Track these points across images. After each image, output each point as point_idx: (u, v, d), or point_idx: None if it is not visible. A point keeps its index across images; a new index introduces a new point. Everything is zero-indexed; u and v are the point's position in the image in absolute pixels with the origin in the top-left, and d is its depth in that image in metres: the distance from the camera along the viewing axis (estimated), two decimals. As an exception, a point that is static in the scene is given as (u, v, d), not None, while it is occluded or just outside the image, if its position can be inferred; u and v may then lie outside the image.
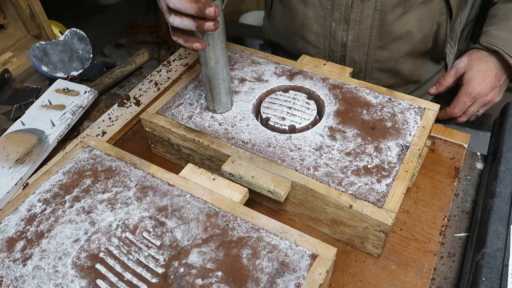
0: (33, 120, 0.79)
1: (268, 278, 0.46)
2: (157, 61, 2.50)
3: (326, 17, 0.82)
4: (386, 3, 0.77)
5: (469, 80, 0.74)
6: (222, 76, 0.64)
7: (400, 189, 0.55)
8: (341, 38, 0.83)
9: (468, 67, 0.75)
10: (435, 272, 0.58)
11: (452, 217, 0.65)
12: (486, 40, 0.73)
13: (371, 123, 0.65)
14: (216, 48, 0.60)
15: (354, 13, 0.79)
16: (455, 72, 0.77)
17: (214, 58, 0.61)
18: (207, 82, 0.65)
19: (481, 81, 0.74)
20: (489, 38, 0.73)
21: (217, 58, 0.61)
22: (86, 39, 0.99)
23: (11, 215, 0.55)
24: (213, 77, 0.63)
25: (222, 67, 0.63)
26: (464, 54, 0.78)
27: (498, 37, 0.72)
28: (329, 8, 0.80)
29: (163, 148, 0.73)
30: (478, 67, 0.74)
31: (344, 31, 0.82)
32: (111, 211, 0.54)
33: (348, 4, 0.78)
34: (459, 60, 0.77)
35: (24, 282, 0.48)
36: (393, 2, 0.76)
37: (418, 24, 0.80)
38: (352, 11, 0.79)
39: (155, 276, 0.47)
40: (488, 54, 0.74)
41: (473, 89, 0.74)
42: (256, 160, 0.60)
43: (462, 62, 0.76)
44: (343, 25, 0.81)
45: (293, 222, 0.63)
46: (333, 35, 0.84)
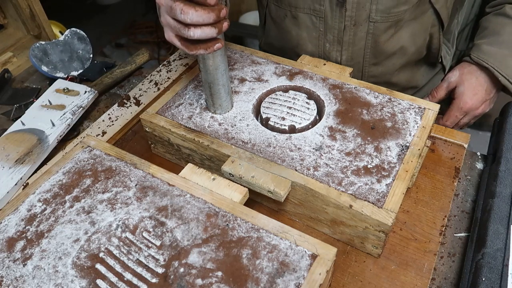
0: (33, 120, 0.79)
1: (268, 278, 0.46)
2: (157, 61, 2.50)
3: (319, 38, 0.83)
4: (378, 27, 0.78)
5: (461, 95, 0.78)
6: (222, 82, 0.64)
7: (400, 189, 0.55)
8: (335, 58, 0.85)
9: (459, 82, 0.78)
10: (435, 272, 0.58)
11: (452, 217, 0.65)
12: (477, 56, 0.76)
13: (371, 123, 0.65)
14: (215, 54, 0.60)
15: (347, 36, 0.80)
16: (447, 85, 0.80)
17: (213, 64, 0.61)
18: (208, 87, 0.65)
19: (472, 96, 0.77)
20: (480, 54, 0.75)
21: (217, 65, 0.61)
22: (86, 39, 0.99)
23: (11, 215, 0.55)
24: (213, 83, 0.64)
25: (222, 72, 0.63)
26: (456, 67, 0.80)
27: (489, 53, 0.74)
28: (322, 30, 0.82)
29: (163, 148, 0.73)
30: (469, 82, 0.77)
31: (338, 52, 0.83)
32: (111, 211, 0.54)
33: (340, 28, 0.79)
34: (451, 73, 0.80)
35: (24, 282, 0.48)
36: (385, 25, 0.78)
37: (411, 39, 0.81)
38: (345, 34, 0.80)
39: (155, 276, 0.47)
40: (478, 69, 0.77)
41: (464, 104, 0.77)
42: (256, 160, 0.60)
43: (454, 76, 0.79)
44: (337, 46, 0.83)
45: (293, 222, 0.63)
46: (328, 55, 0.85)
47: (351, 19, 0.78)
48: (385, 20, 0.77)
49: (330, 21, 0.79)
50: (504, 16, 0.76)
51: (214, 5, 0.51)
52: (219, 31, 0.53)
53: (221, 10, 0.52)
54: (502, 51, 0.74)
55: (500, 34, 0.75)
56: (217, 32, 0.53)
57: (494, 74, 0.74)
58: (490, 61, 0.74)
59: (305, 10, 0.80)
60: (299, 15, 0.82)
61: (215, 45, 0.54)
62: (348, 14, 0.77)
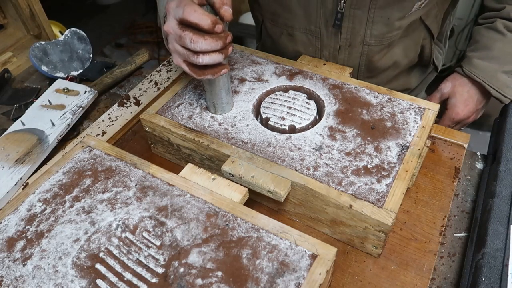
0: (33, 120, 0.79)
1: (268, 278, 0.46)
2: (157, 61, 2.50)
3: (316, 53, 0.85)
4: (372, 49, 0.81)
5: (453, 107, 0.83)
6: (222, 83, 0.64)
7: (400, 189, 0.55)
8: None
9: (452, 93, 0.83)
10: (435, 272, 0.58)
11: (452, 217, 0.65)
12: (469, 70, 0.79)
13: (371, 123, 0.65)
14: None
15: (342, 54, 0.83)
16: (440, 95, 0.85)
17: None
18: (208, 88, 0.65)
19: (463, 108, 0.82)
20: (472, 68, 0.79)
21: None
22: (86, 39, 0.99)
23: (11, 215, 0.55)
24: (213, 84, 0.64)
25: (223, 79, 0.64)
26: (449, 79, 0.84)
27: (480, 68, 0.78)
28: (318, 47, 0.83)
29: (163, 148, 0.73)
30: (461, 94, 0.82)
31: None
32: (111, 211, 0.54)
33: (336, 47, 0.81)
34: (444, 84, 0.84)
35: (24, 282, 0.48)
36: (379, 47, 0.80)
37: (404, 53, 0.84)
38: (340, 52, 0.82)
39: (155, 276, 0.47)
40: (470, 82, 0.81)
41: (456, 115, 0.83)
42: (256, 160, 0.60)
43: (447, 88, 0.83)
44: (333, 61, 0.84)
45: (293, 222, 0.63)
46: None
47: (346, 41, 0.80)
48: (378, 43, 0.80)
49: (326, 41, 0.81)
50: (495, 31, 0.78)
51: (221, 33, 0.54)
52: (225, 56, 0.56)
53: (227, 37, 0.55)
54: (493, 65, 0.77)
55: (491, 49, 0.78)
56: (223, 57, 0.56)
57: (486, 87, 0.78)
58: (481, 75, 0.78)
59: (301, 29, 0.82)
60: (295, 33, 0.84)
61: (221, 71, 0.59)
62: (343, 37, 0.79)
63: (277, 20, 0.85)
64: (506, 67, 0.76)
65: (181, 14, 0.53)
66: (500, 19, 0.78)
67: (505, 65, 0.76)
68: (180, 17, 0.53)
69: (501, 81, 0.77)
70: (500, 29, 0.77)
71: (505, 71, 0.77)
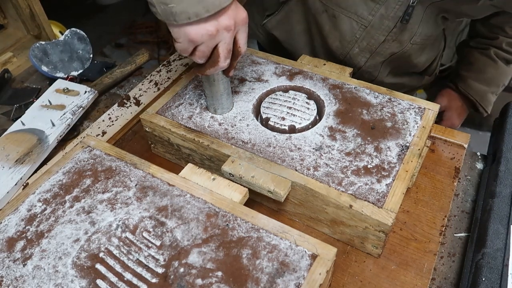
0: (33, 120, 0.79)
1: (268, 278, 0.46)
2: (157, 61, 2.50)
3: (351, 42, 0.82)
4: (414, 47, 0.81)
5: (449, 118, 0.96)
6: (222, 83, 0.64)
7: (400, 189, 0.55)
8: (358, 62, 0.85)
9: (448, 107, 0.96)
10: (435, 272, 0.58)
11: (452, 217, 0.65)
12: (464, 89, 0.94)
13: (371, 123, 0.65)
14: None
15: (383, 48, 0.81)
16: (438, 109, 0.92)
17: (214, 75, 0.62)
18: (208, 88, 0.65)
19: (458, 119, 0.97)
20: (467, 88, 0.93)
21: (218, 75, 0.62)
22: (86, 39, 0.99)
23: (11, 215, 0.55)
24: (213, 84, 0.64)
25: (223, 80, 0.64)
26: (444, 94, 0.98)
27: (474, 88, 0.92)
28: (358, 37, 0.80)
29: (163, 148, 0.73)
30: (456, 108, 0.96)
31: (364, 58, 0.84)
32: (111, 211, 0.54)
33: (380, 40, 0.79)
34: (441, 99, 0.97)
35: (24, 282, 0.48)
36: (418, 47, 0.82)
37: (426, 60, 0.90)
38: (381, 46, 0.80)
39: (155, 276, 0.47)
40: (462, 97, 0.96)
41: (452, 125, 0.96)
42: (256, 160, 0.60)
43: (443, 102, 0.97)
44: (366, 53, 0.83)
45: (293, 222, 0.63)
46: (351, 57, 0.85)
47: (396, 36, 0.78)
48: (420, 43, 0.81)
49: (373, 32, 0.78)
50: (488, 58, 0.90)
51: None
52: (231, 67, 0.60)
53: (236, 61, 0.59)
54: (484, 87, 0.91)
55: (484, 73, 0.90)
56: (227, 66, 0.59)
57: (476, 105, 0.93)
58: (474, 94, 0.93)
59: (350, 14, 0.78)
60: (340, 16, 0.79)
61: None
62: (395, 31, 0.77)
63: None
64: (493, 89, 0.92)
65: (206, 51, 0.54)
66: (493, 47, 0.89)
67: (493, 87, 0.91)
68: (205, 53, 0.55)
69: (488, 100, 0.93)
70: (492, 56, 0.89)
71: (492, 92, 0.92)
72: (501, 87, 0.92)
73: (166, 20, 0.50)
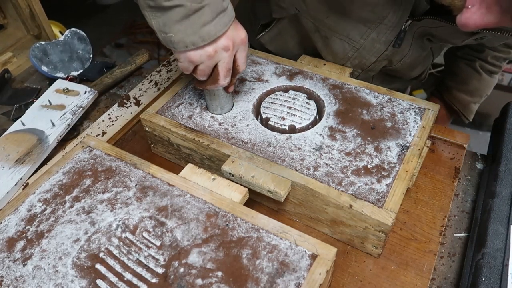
0: (33, 120, 0.79)
1: (268, 278, 0.46)
2: (157, 61, 2.50)
3: (345, 59, 0.82)
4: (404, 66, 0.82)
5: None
6: (223, 89, 0.65)
7: (400, 189, 0.55)
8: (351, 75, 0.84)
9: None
10: (435, 272, 0.58)
11: (452, 217, 0.65)
12: (448, 99, 0.98)
13: (371, 123, 0.65)
14: None
15: (374, 66, 0.81)
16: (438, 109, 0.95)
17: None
18: (210, 95, 0.65)
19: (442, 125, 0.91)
20: (450, 98, 0.98)
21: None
22: (86, 39, 0.99)
23: (11, 215, 0.55)
24: (215, 92, 0.64)
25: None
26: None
27: (458, 98, 0.97)
28: (350, 56, 0.80)
29: (163, 148, 0.73)
30: (441, 116, 1.00)
31: (356, 72, 0.84)
32: (111, 211, 0.54)
33: (371, 60, 0.80)
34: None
35: (24, 282, 0.48)
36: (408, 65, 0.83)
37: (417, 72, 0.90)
38: (373, 65, 0.81)
39: (155, 276, 0.47)
40: (447, 106, 1.00)
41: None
42: (256, 160, 0.60)
43: None
44: (358, 69, 0.83)
45: (293, 222, 0.63)
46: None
47: (387, 57, 0.79)
48: (409, 63, 0.82)
49: (364, 53, 0.78)
50: (473, 70, 0.92)
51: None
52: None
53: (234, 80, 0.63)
54: (467, 98, 0.96)
55: (468, 84, 0.94)
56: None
57: (459, 114, 0.98)
58: (457, 105, 0.97)
59: (342, 36, 0.78)
60: (332, 37, 0.79)
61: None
62: (386, 53, 0.77)
63: (319, 20, 0.78)
64: (476, 99, 0.96)
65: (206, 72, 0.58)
66: (479, 60, 0.91)
67: (476, 98, 0.95)
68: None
69: (470, 109, 0.97)
70: (477, 69, 0.92)
71: (474, 102, 0.96)
72: (483, 97, 0.97)
73: (167, 46, 0.54)
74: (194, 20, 0.52)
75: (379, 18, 0.71)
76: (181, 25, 0.52)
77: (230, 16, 0.55)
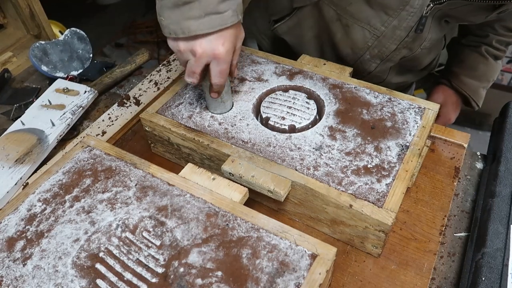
0: (33, 120, 0.79)
1: (268, 277, 0.46)
2: (157, 60, 2.50)
3: (363, 49, 0.82)
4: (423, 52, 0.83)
5: (446, 114, 0.99)
6: (223, 91, 0.64)
7: (400, 189, 0.55)
8: (368, 67, 0.86)
9: (444, 103, 0.98)
10: (435, 271, 0.58)
11: (452, 217, 0.65)
12: (457, 84, 0.97)
13: (371, 123, 0.65)
14: None
15: (394, 55, 0.81)
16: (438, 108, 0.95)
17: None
18: (208, 88, 0.65)
19: (452, 112, 0.99)
20: (460, 84, 0.96)
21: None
22: (86, 38, 0.99)
23: (11, 215, 0.55)
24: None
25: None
26: (439, 91, 1.00)
27: (467, 84, 0.96)
28: (370, 45, 0.81)
29: (163, 147, 0.73)
30: (451, 103, 0.99)
31: (375, 64, 0.84)
32: (111, 210, 0.54)
33: (391, 48, 0.80)
34: (436, 95, 1.00)
35: (24, 281, 0.48)
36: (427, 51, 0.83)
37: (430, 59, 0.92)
38: (393, 54, 0.81)
39: (155, 276, 0.47)
40: (456, 93, 0.99)
41: (448, 120, 1.00)
42: (256, 160, 0.60)
43: (439, 98, 0.99)
44: (377, 60, 0.83)
45: (293, 222, 0.63)
46: (362, 63, 0.85)
47: (407, 44, 0.79)
48: (428, 47, 0.82)
49: (384, 41, 0.79)
50: (479, 55, 0.93)
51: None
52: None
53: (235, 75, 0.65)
54: (476, 83, 0.95)
55: (476, 70, 0.94)
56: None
57: (469, 99, 0.97)
58: (467, 90, 0.96)
59: (363, 24, 0.78)
60: (353, 25, 0.80)
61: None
62: (406, 40, 0.78)
63: (341, 7, 0.79)
64: (484, 84, 0.96)
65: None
66: (484, 45, 0.92)
67: (484, 83, 0.95)
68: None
69: (479, 94, 0.97)
70: (483, 53, 0.92)
71: (483, 87, 0.96)
72: (491, 82, 0.97)
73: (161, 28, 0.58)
74: (182, 11, 0.54)
75: (401, 4, 0.72)
76: (172, 12, 0.55)
77: (223, 22, 0.55)
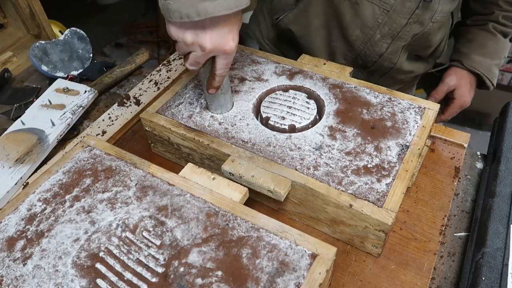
0: (33, 119, 0.79)
1: (268, 277, 0.46)
2: (157, 60, 2.50)
3: (373, 28, 0.82)
4: (434, 26, 0.83)
5: (461, 96, 0.96)
6: (223, 89, 0.64)
7: (400, 189, 0.55)
8: (379, 49, 0.85)
9: (457, 85, 0.95)
10: (435, 271, 0.58)
11: (452, 217, 0.65)
12: (470, 64, 0.93)
13: (371, 123, 0.65)
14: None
15: (404, 31, 0.81)
16: (447, 89, 0.95)
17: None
18: (209, 96, 0.65)
19: (469, 95, 0.96)
20: (472, 63, 0.93)
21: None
22: (86, 38, 0.99)
23: (11, 215, 0.55)
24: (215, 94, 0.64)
25: (224, 81, 0.63)
26: (452, 73, 0.96)
27: (479, 62, 0.93)
28: (380, 22, 0.81)
29: (163, 147, 0.73)
30: (465, 84, 0.95)
31: (386, 44, 0.84)
32: (111, 210, 0.54)
33: (402, 23, 0.80)
34: (449, 78, 0.96)
35: (24, 281, 0.48)
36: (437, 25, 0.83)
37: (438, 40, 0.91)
38: (403, 29, 0.81)
39: (155, 276, 0.47)
40: (469, 73, 0.95)
41: (464, 102, 0.96)
42: (256, 160, 0.60)
43: (452, 81, 0.95)
44: (388, 39, 0.83)
45: (293, 222, 0.63)
46: (373, 44, 0.85)
47: (417, 17, 0.79)
48: (439, 21, 0.82)
49: (395, 16, 0.79)
50: (487, 32, 0.92)
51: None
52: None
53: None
54: (488, 60, 0.93)
55: (486, 47, 0.92)
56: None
57: (483, 78, 0.93)
58: (480, 68, 0.93)
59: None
60: (362, 2, 0.80)
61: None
62: (417, 12, 0.78)
63: None
64: (496, 61, 0.93)
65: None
66: (491, 22, 0.92)
67: (496, 60, 0.93)
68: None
69: (493, 72, 0.93)
70: (491, 30, 0.92)
71: (495, 64, 0.93)
72: (502, 59, 0.95)
73: (163, 13, 0.53)
74: None
75: None
76: None
77: (238, 3, 0.52)
